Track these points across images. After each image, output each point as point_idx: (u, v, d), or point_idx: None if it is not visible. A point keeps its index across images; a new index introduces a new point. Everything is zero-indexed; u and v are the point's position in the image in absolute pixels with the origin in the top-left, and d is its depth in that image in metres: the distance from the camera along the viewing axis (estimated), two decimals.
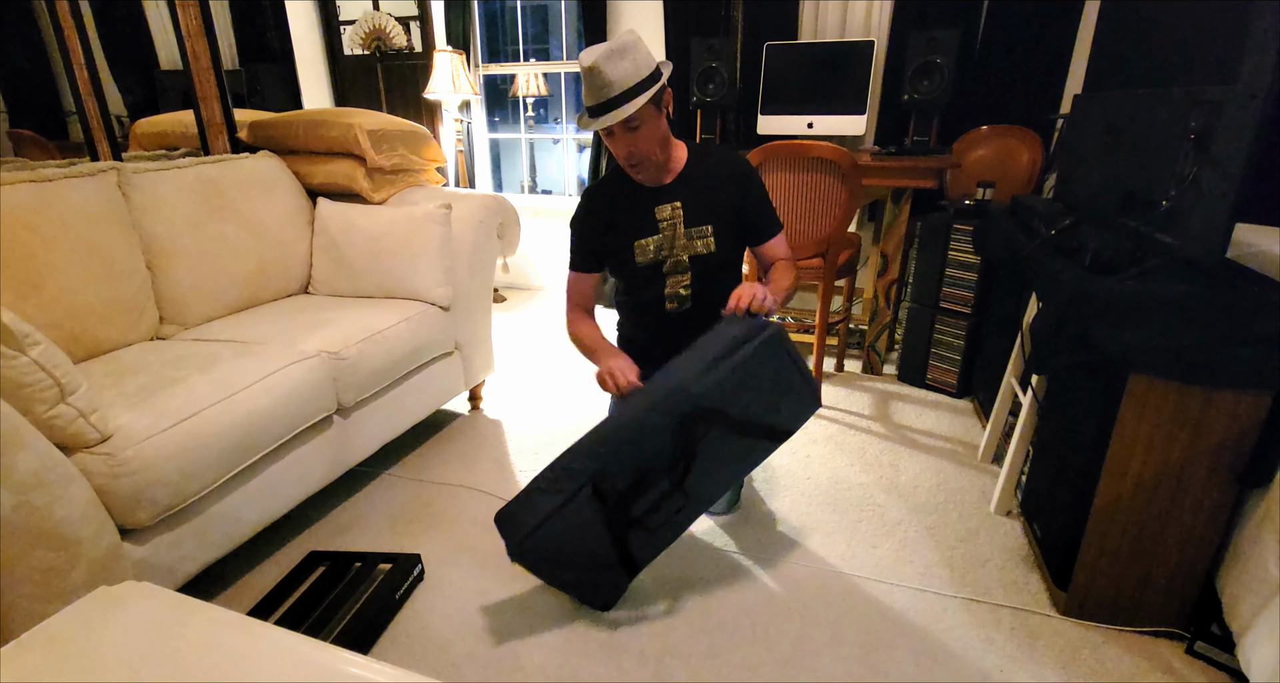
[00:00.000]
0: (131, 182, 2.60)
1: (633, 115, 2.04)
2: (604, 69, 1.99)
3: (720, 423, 1.99)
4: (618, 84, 2.01)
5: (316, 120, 3.27)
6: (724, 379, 1.94)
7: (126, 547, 1.83)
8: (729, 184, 2.29)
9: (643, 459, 1.97)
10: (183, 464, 1.90)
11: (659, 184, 2.28)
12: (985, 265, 3.27)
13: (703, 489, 2.10)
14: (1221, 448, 1.80)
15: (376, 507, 2.67)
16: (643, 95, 2.03)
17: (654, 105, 2.10)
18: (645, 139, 2.12)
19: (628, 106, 2.02)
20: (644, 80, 2.04)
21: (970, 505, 2.64)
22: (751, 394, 2.02)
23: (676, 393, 1.92)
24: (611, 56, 1.99)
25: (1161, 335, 1.71)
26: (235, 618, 1.23)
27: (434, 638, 2.03)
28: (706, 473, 2.06)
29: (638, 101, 2.02)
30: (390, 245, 2.96)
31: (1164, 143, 1.91)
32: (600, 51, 1.99)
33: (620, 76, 2.00)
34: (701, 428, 1.97)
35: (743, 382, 1.97)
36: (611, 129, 2.10)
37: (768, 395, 2.05)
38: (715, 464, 2.06)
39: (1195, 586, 1.95)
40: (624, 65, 2.01)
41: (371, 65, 5.40)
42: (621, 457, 1.95)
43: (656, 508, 2.03)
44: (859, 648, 1.99)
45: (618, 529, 2.03)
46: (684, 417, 1.94)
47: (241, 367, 2.21)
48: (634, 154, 2.14)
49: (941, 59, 3.53)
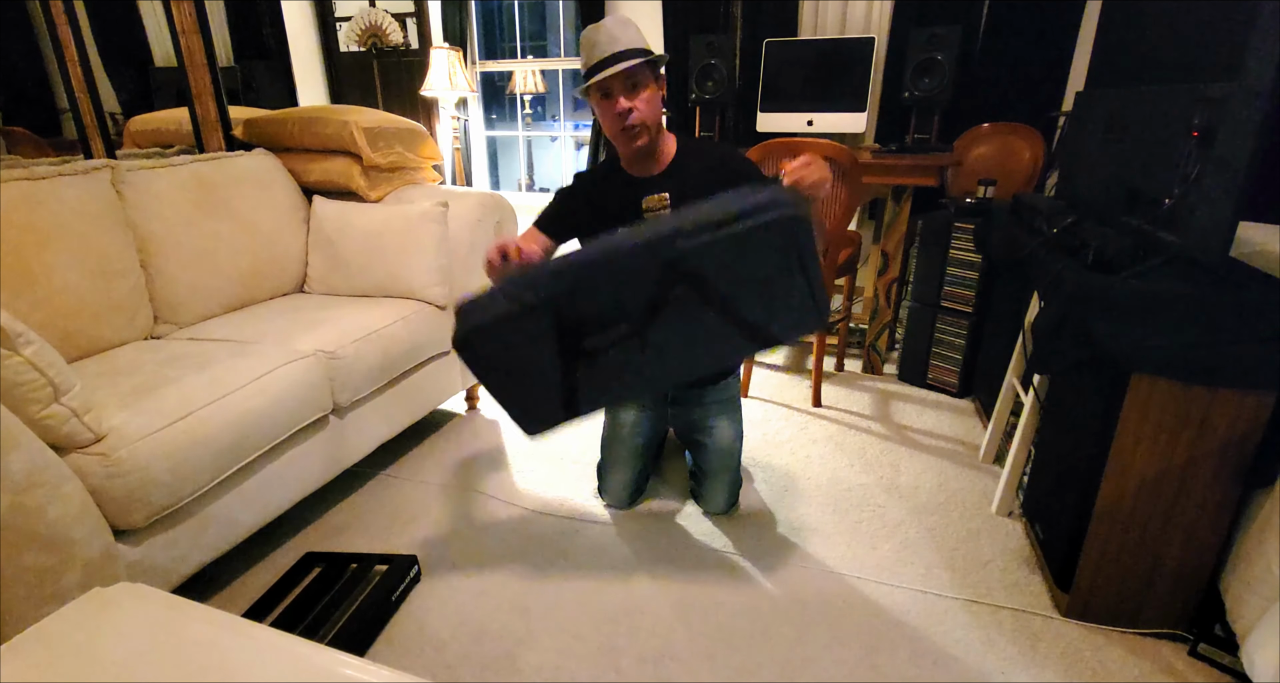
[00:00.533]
0: (126, 180, 2.60)
1: (636, 70, 2.08)
2: (611, 28, 2.06)
3: (700, 289, 1.74)
4: (623, 41, 2.06)
5: (312, 118, 3.26)
6: (717, 244, 1.66)
7: (120, 548, 1.83)
8: (720, 170, 2.24)
9: (611, 295, 1.74)
10: (177, 465, 1.90)
11: (648, 174, 2.28)
12: (987, 264, 3.27)
13: (666, 350, 1.85)
14: (1225, 448, 1.80)
15: (373, 508, 2.67)
16: (642, 61, 2.09)
17: (654, 74, 2.15)
18: (645, 102, 2.13)
19: (634, 59, 2.06)
20: (647, 48, 2.11)
21: (971, 506, 2.64)
22: (743, 274, 1.73)
23: (665, 239, 1.67)
24: (616, 23, 2.08)
25: (1164, 335, 1.72)
26: (230, 620, 1.22)
27: (431, 640, 2.03)
28: (674, 333, 1.82)
29: (636, 60, 2.07)
30: (386, 244, 2.96)
31: (1167, 140, 1.91)
32: (605, 20, 2.08)
33: (625, 36, 2.07)
34: (680, 287, 1.73)
35: (737, 257, 1.69)
36: (610, 90, 2.10)
37: (760, 285, 1.75)
38: (685, 331, 1.82)
39: (1198, 587, 1.95)
40: (629, 29, 2.08)
41: (367, 62, 5.40)
42: (590, 285, 1.73)
43: (612, 346, 1.83)
44: (859, 650, 1.99)
45: (567, 356, 1.84)
46: (665, 266, 1.69)
47: (236, 366, 2.21)
48: (635, 115, 2.12)
49: (942, 55, 3.53)
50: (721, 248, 1.67)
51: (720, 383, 2.56)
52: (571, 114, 6.17)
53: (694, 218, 1.68)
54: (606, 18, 2.10)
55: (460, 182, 5.40)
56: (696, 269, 1.70)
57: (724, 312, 1.80)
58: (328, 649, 1.18)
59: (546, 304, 1.74)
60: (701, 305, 1.77)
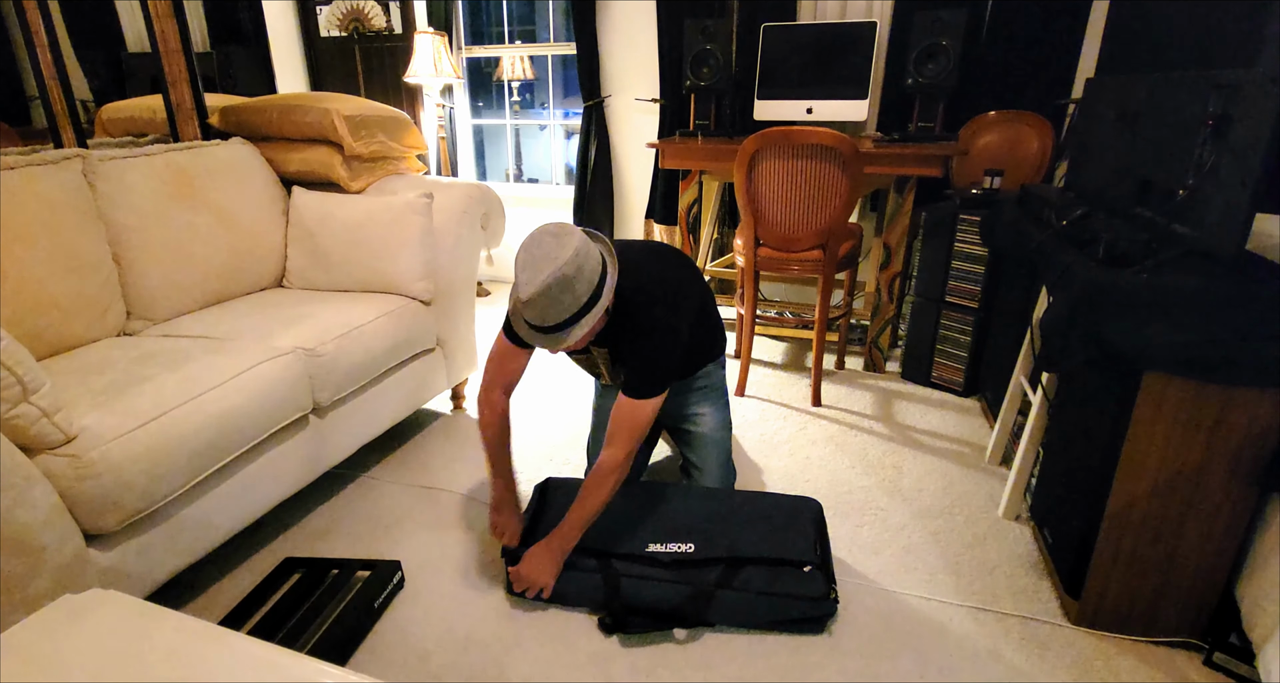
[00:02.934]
0: (97, 170, 2.58)
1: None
2: (543, 305, 1.92)
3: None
4: (555, 316, 1.95)
5: (291, 105, 3.25)
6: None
7: (92, 553, 1.82)
8: (633, 344, 2.19)
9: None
10: (151, 466, 1.89)
11: None
12: (993, 258, 3.28)
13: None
14: (1241, 450, 1.81)
15: (354, 511, 2.66)
16: (584, 322, 1.98)
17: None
18: (582, 340, 2.06)
19: (572, 334, 1.98)
20: (584, 305, 1.98)
21: (977, 510, 2.64)
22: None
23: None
24: (549, 292, 1.90)
25: (1178, 331, 1.72)
26: (206, 628, 1.22)
27: (414, 648, 2.03)
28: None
29: (579, 331, 1.98)
30: (369, 236, 2.95)
31: (1181, 129, 1.91)
32: (537, 287, 1.89)
33: (560, 309, 1.94)
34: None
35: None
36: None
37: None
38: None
39: (1213, 594, 1.95)
40: (564, 298, 1.93)
41: (349, 48, 5.38)
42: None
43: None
44: (860, 659, 1.99)
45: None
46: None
47: (212, 364, 2.20)
48: (575, 346, 2.08)
49: (947, 41, 3.52)
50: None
51: (700, 370, 2.59)
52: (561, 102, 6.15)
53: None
54: (541, 278, 1.88)
55: (445, 172, 5.39)
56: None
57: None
58: (307, 659, 1.17)
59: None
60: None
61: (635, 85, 4.84)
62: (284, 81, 5.25)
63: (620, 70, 4.84)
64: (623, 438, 2.13)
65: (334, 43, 5.42)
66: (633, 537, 2.21)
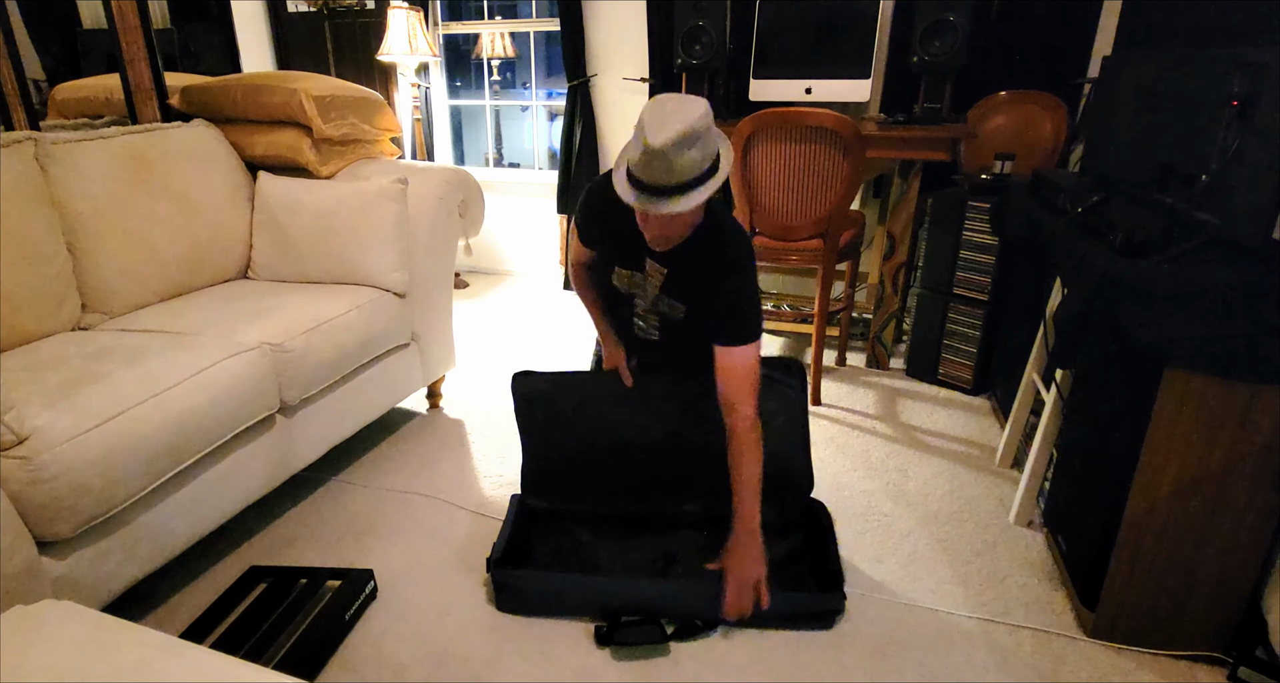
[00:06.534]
0: (50, 153, 2.57)
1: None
2: (670, 157, 1.86)
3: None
4: (678, 173, 1.89)
5: (257, 85, 3.24)
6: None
7: (45, 562, 1.81)
8: (709, 278, 2.16)
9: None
10: (107, 469, 1.88)
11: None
12: (1004, 247, 3.28)
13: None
14: (1268, 451, 1.81)
15: (324, 517, 2.65)
16: (703, 189, 1.93)
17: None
18: (681, 223, 2.04)
19: (685, 201, 1.92)
20: (706, 171, 1.94)
21: (987, 515, 2.65)
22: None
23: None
24: (681, 144, 1.85)
25: (1201, 325, 1.72)
26: (167, 640, 1.21)
27: (388, 662, 2.02)
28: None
29: (696, 197, 1.92)
30: (339, 225, 2.94)
31: (1204, 110, 1.91)
32: (671, 135, 1.83)
33: (684, 166, 1.89)
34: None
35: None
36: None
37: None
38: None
39: (1238, 605, 1.96)
40: (691, 154, 1.88)
41: (318, 24, 5.36)
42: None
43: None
44: (862, 674, 1.99)
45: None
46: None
47: (173, 360, 2.19)
48: (661, 237, 2.06)
49: (955, 17, 3.51)
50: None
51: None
52: (544, 81, 6.13)
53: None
54: (673, 127, 1.83)
55: (421, 156, 5.38)
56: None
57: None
58: (274, 673, 1.17)
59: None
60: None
61: (623, 64, 4.83)
62: (249, 60, 5.22)
63: (607, 48, 4.84)
64: (746, 394, 2.10)
65: (302, 18, 5.40)
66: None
